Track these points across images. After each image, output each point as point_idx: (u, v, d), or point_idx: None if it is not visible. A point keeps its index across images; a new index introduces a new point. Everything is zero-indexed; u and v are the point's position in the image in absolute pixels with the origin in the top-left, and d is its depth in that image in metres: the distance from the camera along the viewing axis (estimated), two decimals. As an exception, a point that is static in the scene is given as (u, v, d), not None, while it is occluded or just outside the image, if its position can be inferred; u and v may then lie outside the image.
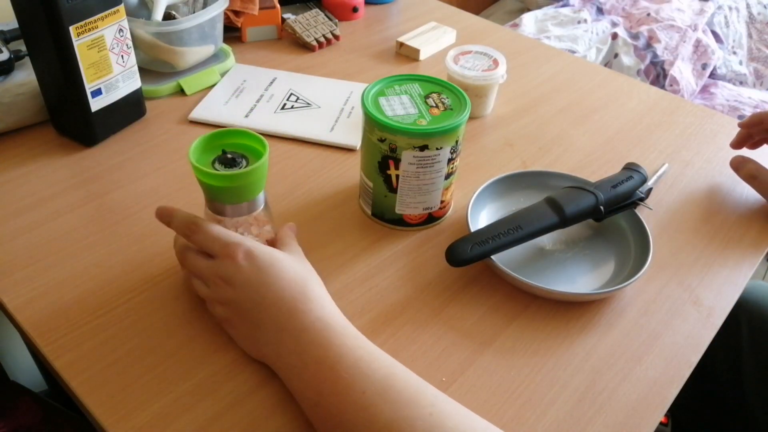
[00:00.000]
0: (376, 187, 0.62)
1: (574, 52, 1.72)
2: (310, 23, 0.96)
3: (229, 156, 0.50)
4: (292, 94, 0.83)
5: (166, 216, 0.50)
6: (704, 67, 1.77)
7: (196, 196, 0.64)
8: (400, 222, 0.63)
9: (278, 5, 0.95)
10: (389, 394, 0.40)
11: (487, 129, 0.80)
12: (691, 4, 1.89)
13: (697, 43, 1.78)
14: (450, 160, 0.60)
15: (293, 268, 0.48)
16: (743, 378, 0.78)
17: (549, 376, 0.51)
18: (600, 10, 1.94)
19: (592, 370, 0.52)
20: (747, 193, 0.72)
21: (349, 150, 0.74)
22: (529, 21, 1.87)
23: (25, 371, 1.03)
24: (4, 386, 0.81)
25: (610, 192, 0.62)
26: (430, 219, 0.64)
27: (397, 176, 0.59)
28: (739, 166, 0.71)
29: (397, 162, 0.58)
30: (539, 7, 2.07)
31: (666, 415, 0.51)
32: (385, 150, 0.58)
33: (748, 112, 1.61)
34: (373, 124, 0.58)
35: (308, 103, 0.81)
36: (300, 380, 0.44)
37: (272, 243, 0.53)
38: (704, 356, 0.54)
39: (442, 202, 0.63)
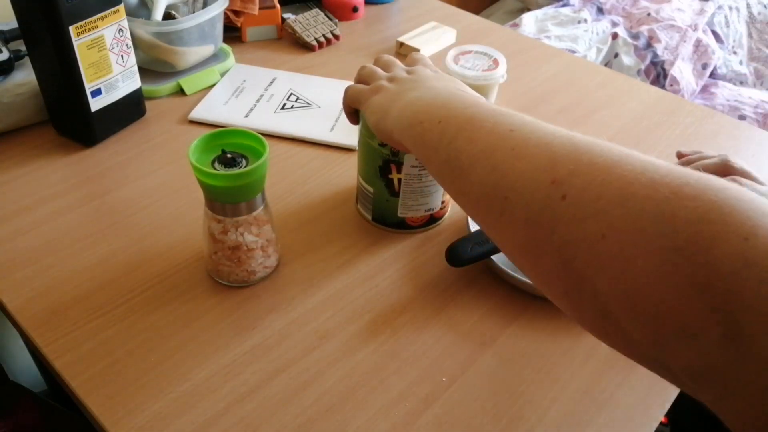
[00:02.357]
0: (377, 192, 0.61)
1: (574, 52, 1.72)
2: (310, 23, 0.96)
3: (229, 156, 0.50)
4: (292, 94, 0.83)
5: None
6: (704, 66, 1.77)
7: (196, 196, 0.64)
8: (401, 225, 0.63)
9: (278, 5, 0.95)
10: (531, 127, 0.41)
11: (487, 129, 0.80)
12: (691, 3, 1.89)
13: (698, 43, 1.78)
14: (450, 160, 0.59)
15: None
16: None
17: (549, 376, 0.51)
18: (600, 10, 1.94)
19: (592, 370, 0.52)
20: (747, 193, 0.72)
21: (349, 150, 0.74)
22: (529, 21, 1.86)
23: (25, 371, 1.03)
24: (4, 386, 0.81)
25: (610, 192, 0.61)
26: (432, 220, 0.64)
27: (399, 180, 0.59)
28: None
29: (399, 166, 0.58)
30: (539, 6, 2.06)
31: (666, 415, 0.51)
32: (386, 154, 0.58)
33: (748, 111, 1.61)
34: (373, 126, 0.57)
35: (308, 103, 0.81)
36: (443, 128, 0.44)
37: None
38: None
39: (442, 202, 0.63)
